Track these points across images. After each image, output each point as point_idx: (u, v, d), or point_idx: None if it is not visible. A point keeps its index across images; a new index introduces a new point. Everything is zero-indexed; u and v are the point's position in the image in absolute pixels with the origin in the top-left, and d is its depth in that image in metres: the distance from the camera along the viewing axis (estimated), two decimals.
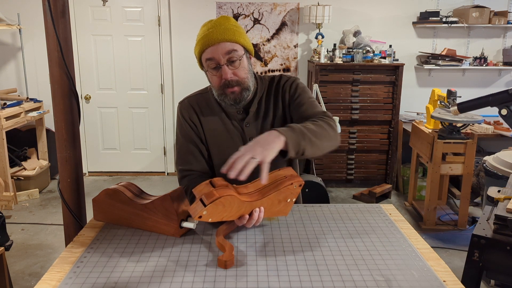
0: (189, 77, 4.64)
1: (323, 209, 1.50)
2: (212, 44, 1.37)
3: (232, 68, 1.40)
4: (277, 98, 1.54)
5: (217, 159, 1.53)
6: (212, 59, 1.39)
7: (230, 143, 1.51)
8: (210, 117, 1.53)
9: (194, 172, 1.52)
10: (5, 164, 3.83)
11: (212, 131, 1.52)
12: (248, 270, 1.10)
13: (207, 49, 1.39)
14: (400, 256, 1.17)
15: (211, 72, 1.42)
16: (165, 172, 4.91)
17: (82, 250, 1.20)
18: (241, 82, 1.41)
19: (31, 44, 4.49)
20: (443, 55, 4.48)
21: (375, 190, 4.12)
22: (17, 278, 2.77)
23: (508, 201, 1.74)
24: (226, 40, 1.37)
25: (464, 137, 3.32)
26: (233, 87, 1.40)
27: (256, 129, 1.52)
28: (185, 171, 1.52)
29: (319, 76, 4.14)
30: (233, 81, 1.40)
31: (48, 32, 1.41)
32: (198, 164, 1.52)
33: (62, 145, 1.49)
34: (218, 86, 1.42)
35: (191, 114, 1.53)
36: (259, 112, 1.53)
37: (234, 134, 1.52)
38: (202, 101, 1.55)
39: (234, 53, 1.38)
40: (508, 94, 1.65)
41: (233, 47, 1.39)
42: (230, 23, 1.42)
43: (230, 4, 4.50)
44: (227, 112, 1.52)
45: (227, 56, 1.38)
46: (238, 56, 1.40)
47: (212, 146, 1.53)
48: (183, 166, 1.53)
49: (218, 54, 1.37)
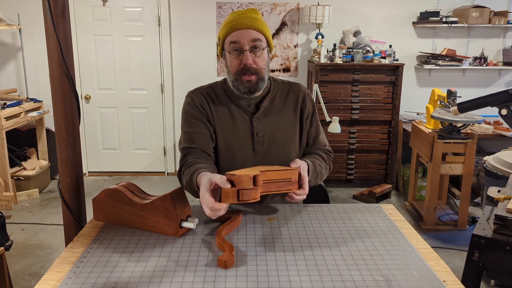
0: (189, 77, 4.65)
1: (323, 209, 1.50)
2: (240, 28, 1.41)
3: (254, 56, 1.43)
4: (294, 105, 1.59)
5: (223, 150, 1.54)
6: (236, 42, 1.42)
7: (237, 135, 1.53)
8: (220, 109, 1.54)
9: (197, 150, 1.49)
10: (5, 164, 3.83)
11: (221, 122, 1.54)
12: (248, 270, 1.10)
13: (234, 32, 1.42)
14: (400, 256, 1.17)
15: (233, 54, 1.44)
16: (165, 172, 4.91)
17: (82, 250, 1.20)
18: (259, 71, 1.45)
19: (31, 44, 4.49)
20: (443, 55, 4.48)
21: (375, 190, 4.12)
22: (17, 278, 2.77)
23: (508, 201, 1.74)
24: (254, 27, 1.42)
25: (464, 137, 3.32)
26: (250, 75, 1.43)
27: (265, 125, 1.54)
28: (188, 148, 1.50)
29: (319, 76, 4.14)
30: (252, 68, 1.43)
31: (48, 32, 1.41)
32: (202, 143, 1.50)
33: (62, 145, 1.49)
34: (236, 70, 1.45)
35: (203, 102, 1.54)
36: (271, 110, 1.56)
37: (242, 128, 1.53)
38: (212, 93, 1.57)
39: (258, 42, 1.43)
40: (508, 94, 1.65)
41: (259, 36, 1.43)
42: (259, 15, 1.48)
43: (230, 4, 4.50)
44: (238, 105, 1.54)
45: (252, 43, 1.42)
46: (261, 46, 1.44)
47: (220, 136, 1.54)
48: (186, 144, 1.51)
49: (244, 39, 1.41)
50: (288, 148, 1.57)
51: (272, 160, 1.54)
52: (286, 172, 1.29)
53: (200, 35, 4.57)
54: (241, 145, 1.53)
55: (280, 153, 1.55)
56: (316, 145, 1.66)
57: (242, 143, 1.53)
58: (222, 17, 4.53)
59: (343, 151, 4.33)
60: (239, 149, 1.53)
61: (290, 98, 1.59)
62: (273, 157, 1.55)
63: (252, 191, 1.13)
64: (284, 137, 1.56)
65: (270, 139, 1.54)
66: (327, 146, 1.70)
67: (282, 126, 1.56)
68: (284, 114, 1.57)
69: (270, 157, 1.55)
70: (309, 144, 1.65)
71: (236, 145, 1.53)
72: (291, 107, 1.58)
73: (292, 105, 1.58)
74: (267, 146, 1.54)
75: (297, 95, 1.60)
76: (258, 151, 1.54)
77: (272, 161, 1.54)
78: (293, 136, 1.58)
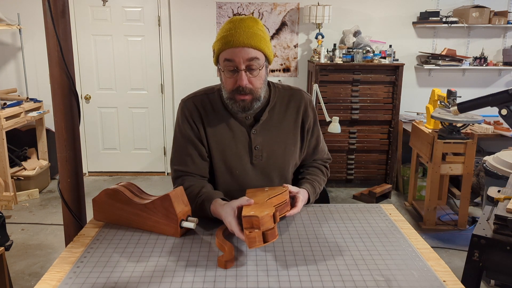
0: (189, 77, 4.64)
1: (323, 209, 1.49)
2: (235, 46, 1.30)
3: (250, 76, 1.33)
4: (295, 115, 1.51)
5: (219, 164, 1.47)
6: (231, 61, 1.32)
7: (234, 149, 1.46)
8: (215, 120, 1.46)
9: (189, 174, 1.47)
10: (5, 164, 3.83)
11: (216, 135, 1.46)
12: (248, 270, 1.10)
13: (228, 49, 1.31)
14: (400, 256, 1.17)
15: (227, 73, 1.35)
16: (165, 172, 4.91)
17: (82, 250, 1.20)
18: (254, 91, 1.36)
19: (31, 44, 4.49)
20: (443, 55, 4.48)
21: (375, 190, 4.12)
22: (17, 278, 2.77)
23: (508, 201, 1.74)
24: (250, 45, 1.31)
25: (464, 137, 3.32)
26: (245, 95, 1.35)
27: (264, 138, 1.47)
28: (180, 171, 1.47)
29: (319, 76, 4.14)
30: (247, 88, 1.33)
31: (48, 32, 1.41)
32: (195, 166, 1.46)
33: (62, 145, 1.49)
34: (230, 89, 1.36)
35: (194, 114, 1.45)
36: (270, 122, 1.48)
37: (240, 141, 1.46)
38: (207, 102, 1.47)
39: (255, 61, 1.32)
40: (508, 94, 1.65)
41: (256, 54, 1.32)
42: (257, 27, 1.35)
43: (230, 4, 4.50)
44: (235, 117, 1.46)
45: (247, 62, 1.31)
46: (258, 65, 1.34)
47: (215, 150, 1.46)
48: (179, 166, 1.48)
49: (239, 58, 1.30)
50: (288, 160, 1.51)
51: (270, 174, 1.50)
52: (282, 195, 1.31)
53: (200, 35, 4.57)
54: (238, 159, 1.46)
55: (279, 166, 1.50)
56: (315, 154, 1.62)
57: (240, 157, 1.46)
58: (222, 17, 4.53)
59: (343, 151, 4.33)
60: (237, 164, 1.46)
61: (291, 108, 1.50)
62: (272, 171, 1.50)
63: (275, 230, 1.13)
64: (284, 150, 1.49)
65: (269, 153, 1.48)
66: (326, 153, 1.67)
67: (282, 139, 1.49)
68: (284, 126, 1.49)
69: (269, 171, 1.49)
70: (309, 153, 1.60)
71: (234, 160, 1.46)
72: (292, 117, 1.50)
73: (293, 115, 1.50)
74: (266, 160, 1.48)
75: (298, 104, 1.51)
76: (257, 165, 1.48)
77: (271, 175, 1.50)
78: (293, 149, 1.52)
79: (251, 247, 1.11)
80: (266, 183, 1.49)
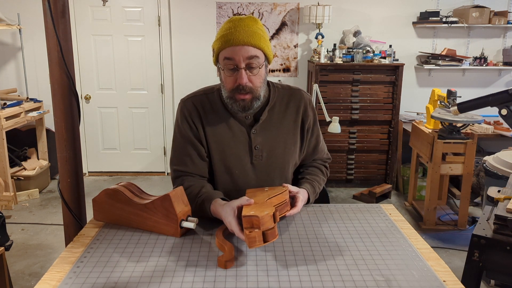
0: (189, 77, 4.64)
1: (323, 209, 1.50)
2: (235, 45, 1.31)
3: (250, 74, 1.34)
4: (295, 115, 1.51)
5: (218, 164, 1.48)
6: (231, 59, 1.32)
7: (234, 149, 1.46)
8: (215, 120, 1.46)
9: (189, 174, 1.47)
10: (5, 164, 3.83)
11: (216, 135, 1.46)
12: (248, 270, 1.10)
13: (228, 48, 1.32)
14: (400, 256, 1.17)
15: (227, 72, 1.35)
16: (165, 172, 4.91)
17: (82, 250, 1.20)
18: (254, 90, 1.36)
19: (31, 44, 4.49)
20: (443, 55, 4.48)
21: (375, 190, 4.12)
22: (17, 278, 2.77)
23: (508, 201, 1.74)
24: (250, 44, 1.32)
25: (464, 137, 3.32)
26: (245, 94, 1.35)
27: (263, 137, 1.47)
28: (180, 171, 1.47)
29: (319, 76, 4.14)
30: (247, 87, 1.34)
31: (48, 32, 1.41)
32: (194, 166, 1.46)
33: (62, 145, 1.49)
34: (230, 88, 1.36)
35: (194, 115, 1.46)
36: (270, 121, 1.48)
37: (239, 141, 1.46)
38: (206, 102, 1.47)
39: (255, 59, 1.33)
40: (508, 94, 1.65)
41: (256, 53, 1.33)
42: (257, 26, 1.36)
43: (230, 4, 4.50)
44: (235, 116, 1.46)
45: (247, 60, 1.32)
46: (258, 64, 1.34)
47: (215, 150, 1.47)
48: (178, 166, 1.48)
49: (239, 56, 1.31)
50: (288, 160, 1.52)
51: (271, 174, 1.50)
52: (282, 195, 1.31)
53: (200, 35, 4.57)
54: (238, 159, 1.46)
55: (279, 166, 1.50)
56: (315, 154, 1.62)
57: (240, 157, 1.47)
58: (222, 17, 4.53)
59: (343, 151, 4.33)
60: (237, 164, 1.47)
61: (290, 107, 1.51)
62: (272, 171, 1.50)
63: (275, 229, 1.13)
64: (284, 150, 1.50)
65: (269, 152, 1.48)
66: (325, 153, 1.67)
67: (282, 138, 1.49)
68: (284, 125, 1.49)
69: (269, 171, 1.49)
70: (308, 152, 1.60)
71: (233, 160, 1.47)
72: (292, 117, 1.50)
73: (292, 115, 1.50)
74: (266, 160, 1.48)
75: (298, 104, 1.51)
76: (257, 165, 1.48)
77: (271, 175, 1.50)
78: (293, 148, 1.52)
79: (251, 247, 1.11)
80: (266, 183, 1.49)
